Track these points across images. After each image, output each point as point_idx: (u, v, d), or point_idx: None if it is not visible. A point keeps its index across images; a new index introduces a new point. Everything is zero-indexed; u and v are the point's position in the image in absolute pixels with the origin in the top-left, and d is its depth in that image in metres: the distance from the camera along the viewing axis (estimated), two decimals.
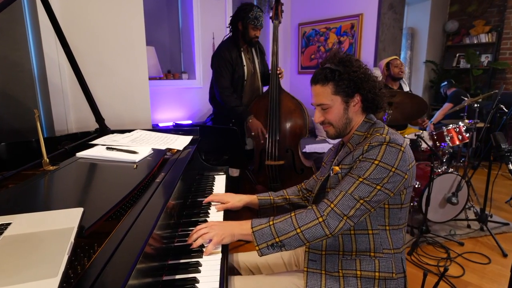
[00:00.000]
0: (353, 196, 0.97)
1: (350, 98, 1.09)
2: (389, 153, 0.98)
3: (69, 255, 0.55)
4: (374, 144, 1.00)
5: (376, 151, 0.99)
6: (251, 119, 2.45)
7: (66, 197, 0.88)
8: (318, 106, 1.12)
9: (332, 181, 1.09)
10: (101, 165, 1.14)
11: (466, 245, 2.41)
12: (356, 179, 0.99)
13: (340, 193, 0.99)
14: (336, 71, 1.07)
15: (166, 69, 3.73)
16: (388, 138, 1.00)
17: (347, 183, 1.00)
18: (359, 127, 1.13)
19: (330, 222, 0.96)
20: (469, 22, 5.28)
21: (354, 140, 1.12)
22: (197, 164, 1.64)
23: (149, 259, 0.75)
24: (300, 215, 1.00)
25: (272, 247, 0.98)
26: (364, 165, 0.99)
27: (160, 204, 0.90)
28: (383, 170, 0.98)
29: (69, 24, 1.73)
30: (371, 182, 0.97)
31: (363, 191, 0.97)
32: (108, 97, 1.95)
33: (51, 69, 1.73)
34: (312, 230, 0.97)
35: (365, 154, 1.01)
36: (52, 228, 0.63)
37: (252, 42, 2.52)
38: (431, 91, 5.62)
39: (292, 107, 2.53)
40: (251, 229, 1.00)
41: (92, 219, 0.70)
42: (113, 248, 0.66)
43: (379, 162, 0.98)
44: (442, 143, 2.68)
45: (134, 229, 0.76)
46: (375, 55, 3.93)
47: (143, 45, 2.07)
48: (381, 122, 1.14)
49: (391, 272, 1.04)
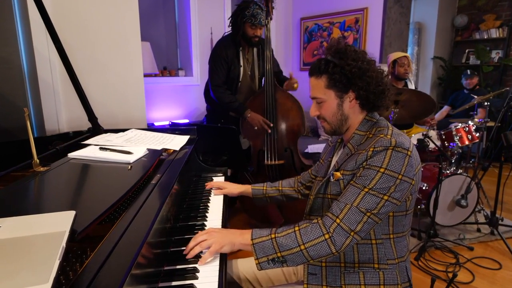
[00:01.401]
0: (359, 209, 0.94)
1: (344, 94, 1.06)
2: (395, 159, 0.95)
3: (60, 260, 0.55)
4: (379, 149, 0.97)
5: (381, 158, 0.96)
6: (249, 113, 2.43)
7: (58, 200, 0.88)
8: (314, 99, 1.11)
9: (333, 187, 1.07)
10: (94, 166, 1.14)
11: (476, 249, 2.41)
12: (361, 189, 0.96)
13: (345, 206, 0.95)
14: (331, 63, 1.04)
15: (162, 66, 3.73)
16: (394, 142, 0.97)
17: (352, 194, 0.96)
18: (359, 126, 1.09)
19: (337, 239, 0.93)
20: (479, 17, 5.28)
21: (355, 141, 1.08)
22: (195, 165, 1.64)
23: (145, 264, 0.75)
24: (304, 230, 0.96)
25: (272, 261, 0.96)
26: (369, 173, 0.96)
27: (156, 207, 0.90)
28: (390, 178, 0.95)
29: (61, 19, 1.72)
30: (377, 193, 0.94)
31: (369, 203, 0.94)
32: (101, 95, 1.95)
33: (42, 65, 1.73)
34: (317, 247, 0.94)
35: (369, 160, 0.97)
36: (43, 232, 0.63)
37: (252, 42, 2.46)
38: (439, 89, 5.63)
39: (288, 105, 2.54)
40: (251, 240, 0.98)
41: (84, 222, 0.70)
42: (106, 253, 0.66)
43: (385, 170, 0.95)
44: (451, 143, 2.68)
45: (129, 233, 0.76)
46: (380, 51, 3.93)
47: (138, 41, 2.07)
48: (384, 120, 1.10)
49: (396, 283, 1.03)
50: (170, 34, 3.82)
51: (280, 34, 4.62)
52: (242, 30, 2.40)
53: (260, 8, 2.36)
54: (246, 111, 2.44)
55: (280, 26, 4.59)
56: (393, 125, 1.09)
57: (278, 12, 4.46)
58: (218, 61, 2.46)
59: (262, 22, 2.36)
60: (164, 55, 3.79)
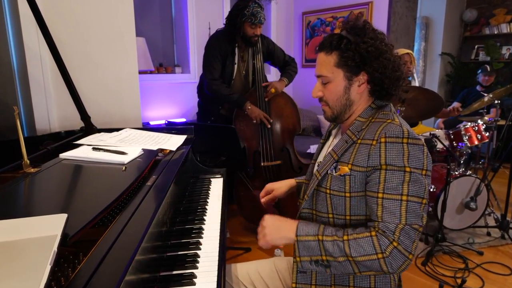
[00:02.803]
0: (413, 227, 0.89)
1: (354, 76, 1.01)
2: (414, 153, 0.91)
3: (51, 265, 0.55)
4: (393, 141, 0.92)
5: (400, 154, 0.91)
6: (249, 106, 2.43)
7: (49, 202, 0.88)
8: (319, 78, 1.05)
9: (334, 182, 1.00)
10: (87, 167, 1.14)
11: (486, 254, 2.41)
12: (399, 200, 0.90)
13: (398, 227, 0.89)
14: (345, 39, 0.98)
15: (157, 62, 3.73)
16: (406, 132, 0.93)
17: (395, 208, 0.90)
18: (362, 113, 1.04)
19: (393, 262, 0.88)
20: (489, 11, 5.28)
21: (355, 127, 1.02)
22: (192, 166, 1.64)
23: (140, 270, 0.75)
24: (355, 243, 0.90)
25: (316, 263, 0.93)
26: (396, 176, 0.91)
27: (151, 210, 0.90)
28: (418, 177, 0.91)
29: (52, 13, 1.72)
30: (416, 198, 0.90)
31: (415, 214, 0.89)
32: (95, 93, 1.95)
33: (32, 62, 1.73)
34: (369, 263, 0.89)
35: (388, 159, 0.92)
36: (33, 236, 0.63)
37: (251, 42, 2.46)
38: (448, 86, 5.63)
39: (282, 102, 2.55)
40: (295, 236, 0.95)
41: (77, 226, 0.70)
42: (100, 258, 0.66)
43: (410, 169, 0.90)
44: (460, 143, 2.68)
45: (123, 237, 0.76)
46: None
47: (132, 36, 2.07)
48: (389, 106, 1.05)
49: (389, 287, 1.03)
50: (166, 29, 3.82)
51: (281, 29, 4.61)
52: (242, 31, 2.39)
53: (259, 6, 2.36)
54: (246, 103, 2.43)
55: (281, 21, 4.58)
56: None
57: (279, 7, 4.46)
58: (213, 54, 2.47)
59: (262, 20, 2.37)
60: (160, 51, 3.79)
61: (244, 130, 2.51)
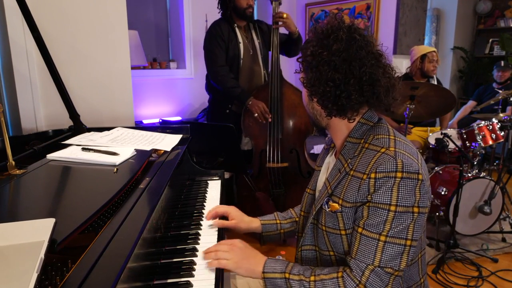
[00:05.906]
0: (385, 270, 0.88)
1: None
2: (406, 190, 0.88)
3: (38, 273, 0.55)
4: (383, 177, 0.89)
5: (388, 192, 0.88)
6: (251, 101, 2.44)
7: (35, 206, 0.88)
8: None
9: (328, 218, 1.00)
10: (76, 169, 1.14)
11: (501, 261, 2.41)
12: (377, 239, 0.89)
13: (367, 268, 0.89)
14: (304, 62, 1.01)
15: (151, 57, 3.74)
16: (400, 165, 0.88)
17: (369, 248, 0.90)
18: (352, 132, 1.00)
19: None
20: (504, 2, 5.28)
21: (347, 152, 0.99)
22: (188, 168, 1.64)
23: (132, 278, 0.75)
24: (321, 285, 0.91)
25: None
26: (379, 214, 0.89)
27: (145, 214, 0.90)
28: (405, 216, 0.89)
29: (39, 5, 1.72)
30: (397, 239, 0.89)
31: (392, 256, 0.88)
32: (84, 89, 1.95)
33: (18, 57, 1.73)
34: None
35: (374, 195, 0.90)
36: (19, 242, 0.63)
37: (246, 15, 2.48)
38: (460, 82, 5.63)
39: (296, 101, 2.52)
40: (262, 273, 0.97)
41: (65, 231, 0.70)
42: (89, 266, 0.66)
43: (396, 207, 0.88)
44: (473, 143, 2.68)
45: (114, 243, 0.76)
46: (394, 41, 3.93)
47: (124, 29, 2.07)
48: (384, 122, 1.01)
49: None
50: (160, 22, 3.83)
51: None
52: (233, 4, 2.43)
53: None
54: (249, 99, 2.44)
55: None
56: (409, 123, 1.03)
57: None
58: (214, 40, 2.48)
59: None
60: (153, 45, 3.80)
61: (252, 127, 2.49)
